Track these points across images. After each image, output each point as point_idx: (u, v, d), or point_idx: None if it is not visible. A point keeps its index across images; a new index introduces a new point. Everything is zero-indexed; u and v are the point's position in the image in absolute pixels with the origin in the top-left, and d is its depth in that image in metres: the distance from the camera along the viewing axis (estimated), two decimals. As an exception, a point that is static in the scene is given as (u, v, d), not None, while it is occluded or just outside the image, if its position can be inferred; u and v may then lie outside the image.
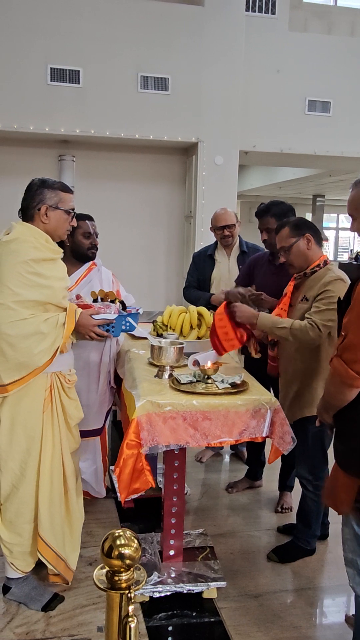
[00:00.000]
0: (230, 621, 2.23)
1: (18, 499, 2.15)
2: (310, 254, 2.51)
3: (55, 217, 2.17)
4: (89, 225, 2.87)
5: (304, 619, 2.28)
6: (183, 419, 2.06)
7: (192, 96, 6.20)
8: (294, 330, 2.37)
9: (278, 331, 2.41)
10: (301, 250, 2.51)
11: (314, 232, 2.54)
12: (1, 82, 5.72)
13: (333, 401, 1.76)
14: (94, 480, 3.00)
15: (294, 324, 2.37)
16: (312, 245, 2.51)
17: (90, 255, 2.90)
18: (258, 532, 2.94)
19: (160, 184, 6.84)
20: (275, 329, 2.42)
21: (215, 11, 6.11)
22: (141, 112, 6.09)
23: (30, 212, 2.16)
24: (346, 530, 1.81)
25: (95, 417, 2.91)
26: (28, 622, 2.18)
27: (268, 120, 6.66)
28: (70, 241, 2.81)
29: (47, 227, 2.16)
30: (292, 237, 2.51)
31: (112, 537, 1.04)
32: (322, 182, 11.34)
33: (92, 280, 2.91)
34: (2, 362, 2.03)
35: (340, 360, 1.65)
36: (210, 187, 6.35)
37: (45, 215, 2.15)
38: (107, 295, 2.57)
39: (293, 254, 2.52)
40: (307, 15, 7.38)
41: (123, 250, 6.43)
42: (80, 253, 2.87)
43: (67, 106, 5.91)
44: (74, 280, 2.85)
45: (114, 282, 3.04)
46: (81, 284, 2.87)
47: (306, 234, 2.50)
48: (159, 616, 2.24)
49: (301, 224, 2.55)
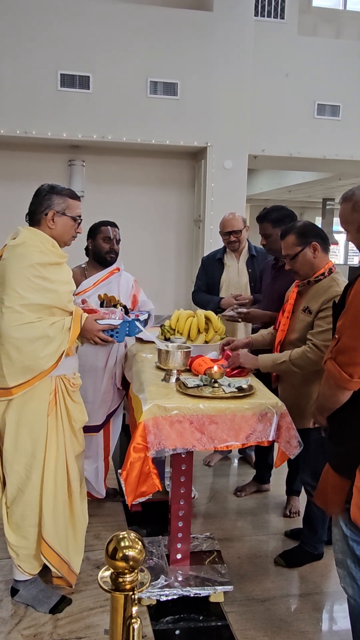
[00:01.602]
0: (237, 625, 2.24)
1: (24, 502, 2.17)
2: (316, 262, 2.46)
3: (62, 223, 2.20)
4: (110, 230, 2.99)
5: (311, 624, 2.28)
6: (190, 422, 2.07)
7: (201, 101, 6.22)
8: (294, 360, 2.40)
9: (280, 367, 2.46)
10: (307, 258, 2.45)
11: (321, 239, 2.47)
12: (12, 88, 5.78)
13: (327, 403, 1.77)
14: (95, 479, 3.03)
15: (292, 355, 2.41)
16: (319, 253, 2.45)
17: (109, 260, 2.99)
18: (265, 536, 2.94)
19: (170, 189, 6.86)
20: (276, 366, 2.47)
21: (224, 16, 6.13)
22: (150, 117, 6.12)
23: (38, 216, 2.18)
24: (336, 530, 1.82)
25: (95, 413, 2.94)
26: (36, 624, 2.19)
27: (277, 124, 6.67)
28: (92, 244, 2.99)
29: (53, 233, 2.18)
30: (298, 245, 2.45)
31: (116, 539, 1.05)
32: (332, 186, 11.31)
33: (111, 284, 2.99)
34: (7, 365, 2.05)
35: (333, 362, 1.66)
36: (219, 191, 6.36)
37: (52, 220, 2.17)
38: (110, 299, 2.63)
39: (299, 262, 2.47)
40: (316, 19, 7.38)
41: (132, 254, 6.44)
42: (99, 257, 2.98)
43: (77, 111, 5.96)
44: (92, 281, 2.95)
45: (133, 287, 3.10)
46: (99, 286, 2.95)
47: (313, 242, 2.44)
48: (166, 619, 2.24)
49: (307, 231, 2.47)
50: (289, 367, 2.42)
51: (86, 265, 3.06)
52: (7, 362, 2.04)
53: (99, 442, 3.03)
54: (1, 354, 2.04)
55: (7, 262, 2.07)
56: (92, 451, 3.00)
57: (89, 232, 3.01)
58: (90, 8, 5.87)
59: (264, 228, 3.04)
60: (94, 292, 2.89)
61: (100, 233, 2.97)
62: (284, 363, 2.43)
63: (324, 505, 1.84)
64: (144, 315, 2.81)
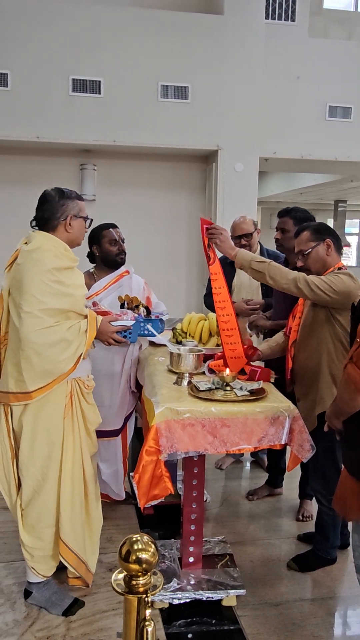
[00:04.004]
0: (249, 629, 2.23)
1: (39, 504, 2.19)
2: (328, 260, 2.47)
3: (78, 226, 2.26)
4: (114, 232, 2.98)
5: (324, 629, 2.26)
6: (202, 426, 2.07)
7: (212, 104, 6.23)
8: (273, 267, 2.33)
9: (256, 265, 2.36)
10: (320, 255, 2.46)
11: (335, 238, 2.49)
12: (24, 93, 5.83)
13: (345, 407, 1.76)
14: (114, 482, 3.03)
15: (275, 263, 2.34)
16: (332, 251, 2.47)
17: (120, 261, 3.00)
18: (278, 540, 2.92)
19: (181, 192, 6.87)
20: (254, 263, 2.37)
21: (235, 19, 6.14)
22: (161, 120, 6.14)
23: (54, 222, 2.21)
24: (356, 537, 1.80)
25: (114, 418, 2.95)
26: (49, 626, 2.20)
27: (288, 127, 6.66)
28: (99, 250, 2.98)
29: (69, 236, 2.23)
30: (312, 241, 2.47)
31: (129, 541, 1.06)
32: (344, 188, 11.25)
33: (122, 286, 2.99)
34: (28, 370, 2.07)
35: (354, 367, 1.65)
36: (230, 194, 6.36)
37: (70, 225, 2.22)
38: (132, 300, 2.63)
39: (311, 258, 2.47)
40: (327, 21, 7.36)
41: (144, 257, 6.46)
42: (109, 260, 2.98)
43: (89, 116, 6.00)
44: (102, 284, 2.95)
45: (144, 289, 3.10)
46: (110, 289, 2.95)
47: (327, 239, 2.46)
48: (178, 623, 2.24)
49: (322, 229, 2.50)
50: (264, 268, 2.33)
51: (94, 270, 3.06)
52: (28, 366, 2.07)
53: (117, 445, 3.04)
54: (21, 359, 2.06)
55: (23, 268, 2.09)
56: (111, 454, 3.01)
57: (90, 239, 2.99)
58: (101, 13, 5.91)
59: (285, 222, 3.03)
60: (105, 294, 2.91)
61: (104, 237, 2.96)
62: (262, 263, 2.35)
63: (343, 511, 1.82)
64: (165, 315, 2.83)
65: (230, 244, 2.46)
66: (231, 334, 2.39)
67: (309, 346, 2.50)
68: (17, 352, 2.08)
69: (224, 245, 2.43)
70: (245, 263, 2.40)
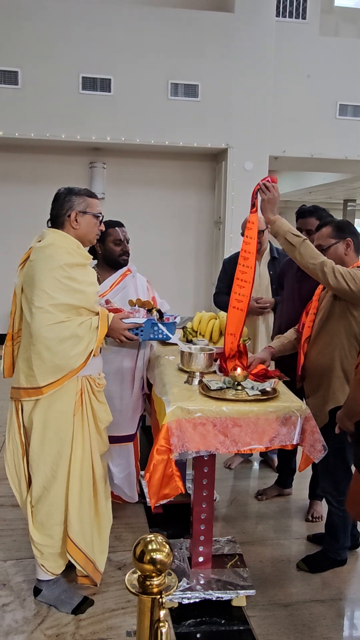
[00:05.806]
0: (259, 630, 2.22)
1: (49, 501, 2.19)
2: (346, 260, 2.43)
3: (85, 222, 2.23)
4: (119, 232, 2.86)
5: (335, 630, 2.25)
6: (213, 425, 2.06)
7: (222, 102, 6.22)
8: (306, 244, 2.30)
9: (291, 237, 2.33)
10: (339, 253, 2.42)
11: (356, 238, 2.44)
12: (34, 91, 5.84)
13: (357, 408, 1.74)
14: (127, 485, 2.98)
15: (308, 242, 2.32)
16: (351, 251, 2.43)
17: (122, 262, 2.89)
18: (288, 541, 2.91)
19: (190, 190, 6.86)
20: (289, 234, 2.34)
21: (245, 18, 6.12)
22: (171, 119, 6.13)
23: (61, 219, 2.21)
24: None
25: (128, 423, 2.90)
26: (58, 624, 2.20)
27: (298, 125, 6.63)
28: (101, 249, 2.86)
29: (77, 233, 2.22)
30: (333, 237, 2.43)
31: (144, 542, 1.05)
32: (354, 187, 11.20)
33: (126, 287, 2.90)
34: (39, 365, 2.07)
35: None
36: (239, 192, 6.34)
37: (75, 220, 2.21)
38: (144, 304, 2.59)
39: (329, 254, 2.42)
40: (338, 19, 7.33)
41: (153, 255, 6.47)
42: (112, 260, 2.87)
43: (99, 114, 6.00)
44: (108, 285, 2.86)
45: (149, 289, 3.03)
46: (115, 289, 2.87)
47: (348, 238, 2.42)
48: (188, 622, 2.23)
49: (345, 227, 2.45)
50: (299, 243, 2.30)
51: (96, 268, 3.00)
52: (39, 361, 2.07)
53: (130, 449, 2.98)
54: (32, 354, 2.07)
55: (36, 264, 2.09)
56: (124, 458, 2.94)
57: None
58: (111, 11, 5.90)
59: (309, 222, 2.99)
60: (111, 295, 2.83)
61: (109, 236, 2.81)
62: (298, 237, 2.32)
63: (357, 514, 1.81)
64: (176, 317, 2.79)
65: (274, 208, 2.40)
66: (243, 285, 2.39)
67: (322, 341, 2.48)
68: (28, 347, 2.08)
69: (268, 205, 2.39)
70: (281, 232, 2.37)
